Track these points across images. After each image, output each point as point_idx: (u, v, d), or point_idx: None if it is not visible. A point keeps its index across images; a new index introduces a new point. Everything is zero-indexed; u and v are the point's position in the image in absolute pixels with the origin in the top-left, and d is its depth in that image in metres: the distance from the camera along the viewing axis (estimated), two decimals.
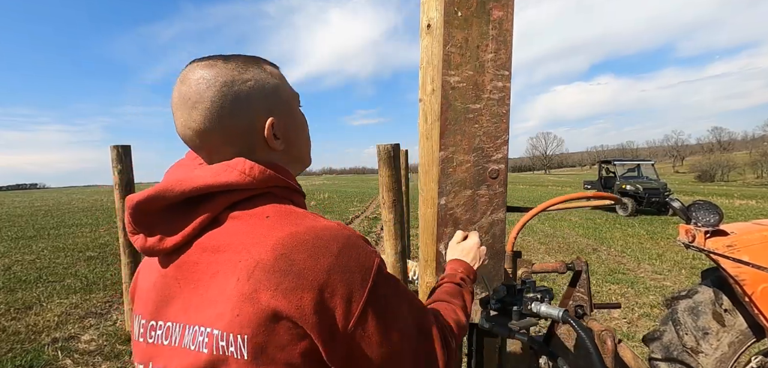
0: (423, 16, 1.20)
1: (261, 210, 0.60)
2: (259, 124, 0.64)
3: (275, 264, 0.53)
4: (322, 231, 0.56)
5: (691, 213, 1.92)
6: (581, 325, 0.81)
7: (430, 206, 1.22)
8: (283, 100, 0.68)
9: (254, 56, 0.68)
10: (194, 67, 0.62)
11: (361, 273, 0.56)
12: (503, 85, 1.03)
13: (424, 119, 1.22)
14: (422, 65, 1.22)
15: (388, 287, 0.60)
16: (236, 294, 0.53)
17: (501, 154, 1.04)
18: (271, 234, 0.55)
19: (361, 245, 0.59)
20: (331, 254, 0.55)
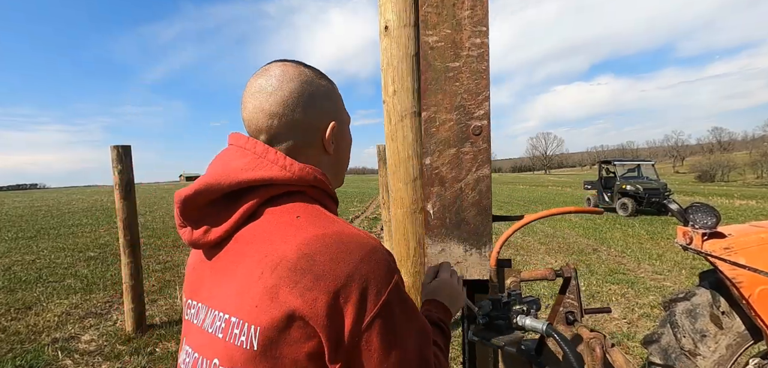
0: (380, 18, 1.21)
1: (293, 207, 0.62)
2: (322, 124, 0.70)
3: (297, 263, 0.55)
4: (348, 238, 0.58)
5: (688, 216, 1.92)
6: (564, 339, 0.81)
7: (400, 206, 1.24)
8: (344, 113, 0.76)
9: (324, 73, 0.75)
10: (278, 63, 0.69)
11: (377, 286, 0.57)
12: (481, 42, 1.03)
13: (388, 120, 1.24)
14: (383, 67, 1.23)
15: (401, 307, 0.60)
16: (259, 286, 0.56)
17: (483, 110, 1.04)
18: (299, 234, 0.58)
19: (384, 259, 0.59)
20: (352, 261, 0.56)
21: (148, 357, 3.54)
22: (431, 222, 1.08)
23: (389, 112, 1.22)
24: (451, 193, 1.07)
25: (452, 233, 1.08)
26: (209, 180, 0.61)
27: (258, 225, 0.61)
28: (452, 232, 1.08)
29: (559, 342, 0.81)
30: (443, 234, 1.09)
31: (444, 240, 1.09)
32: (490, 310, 0.98)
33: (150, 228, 11.73)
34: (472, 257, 1.08)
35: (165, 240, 9.57)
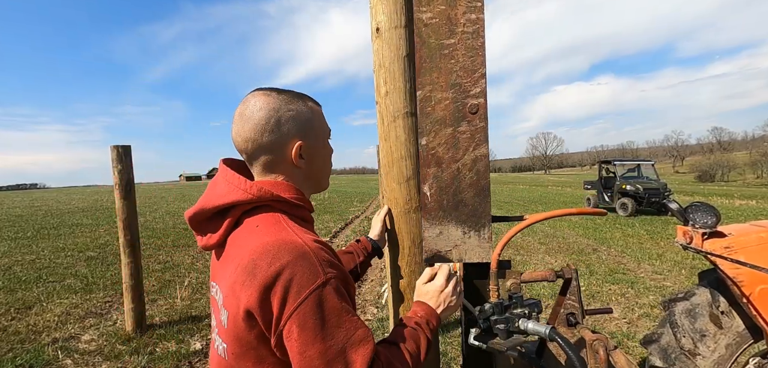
0: (372, 20, 1.20)
1: (257, 218, 0.80)
2: (290, 144, 0.84)
3: (247, 266, 0.72)
4: (283, 244, 0.72)
5: (688, 215, 1.92)
6: (568, 343, 0.80)
7: (394, 206, 1.23)
8: (314, 130, 0.88)
9: (303, 93, 0.89)
10: (256, 93, 0.85)
11: (298, 286, 0.68)
12: (476, 17, 1.00)
13: (381, 121, 1.22)
14: (375, 68, 1.22)
15: (325, 308, 0.69)
16: (231, 280, 0.75)
17: (479, 87, 1.01)
18: (253, 242, 0.75)
19: (312, 264, 0.71)
20: (282, 263, 0.69)
21: (148, 357, 3.54)
22: (428, 205, 1.06)
23: (382, 113, 1.21)
24: (448, 174, 1.05)
25: (450, 215, 1.06)
26: (202, 204, 0.83)
27: (238, 232, 0.80)
28: (450, 214, 1.06)
29: (562, 347, 0.80)
30: (441, 216, 1.06)
31: (442, 222, 1.06)
32: (491, 314, 0.96)
33: (150, 228, 11.72)
34: (470, 239, 1.06)
35: (165, 240, 9.56)
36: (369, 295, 5.13)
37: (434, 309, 0.92)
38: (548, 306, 4.35)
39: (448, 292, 0.95)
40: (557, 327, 1.14)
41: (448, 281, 0.96)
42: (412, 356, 0.82)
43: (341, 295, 0.72)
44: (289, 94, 0.86)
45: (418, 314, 0.91)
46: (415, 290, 0.99)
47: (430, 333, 0.88)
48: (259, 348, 0.73)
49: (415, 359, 0.82)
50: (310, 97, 0.89)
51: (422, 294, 0.96)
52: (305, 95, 0.89)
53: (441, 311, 0.93)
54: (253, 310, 0.70)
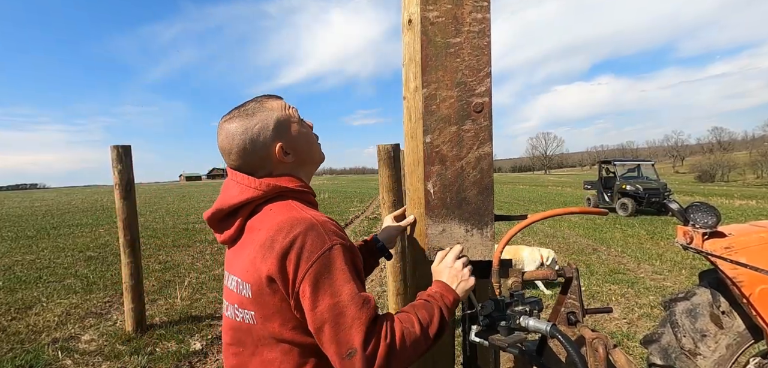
0: (404, 11, 1.19)
1: (271, 206, 0.90)
2: (272, 150, 0.92)
3: (265, 241, 0.83)
4: (296, 219, 0.83)
5: (688, 215, 1.92)
6: (568, 340, 0.80)
7: (418, 206, 1.22)
8: (284, 125, 0.94)
9: (258, 98, 0.96)
10: (222, 125, 0.93)
11: (309, 251, 0.79)
12: (482, 17, 1.01)
13: (408, 117, 1.22)
14: (405, 62, 1.21)
15: (332, 268, 0.79)
16: (252, 257, 0.85)
17: (484, 86, 1.02)
18: (269, 222, 0.86)
19: (321, 233, 0.81)
20: (295, 234, 0.80)
21: (148, 357, 3.54)
22: (432, 202, 1.06)
23: (409, 108, 1.20)
24: (452, 172, 1.05)
25: (453, 213, 1.06)
26: (219, 205, 0.93)
27: (253, 221, 0.90)
28: (453, 212, 1.06)
29: (563, 343, 0.80)
30: (444, 214, 1.06)
31: (445, 220, 1.07)
32: (492, 310, 0.97)
33: (150, 228, 11.72)
34: (473, 237, 1.06)
35: (165, 240, 9.56)
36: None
37: (448, 285, 0.95)
38: (548, 306, 4.35)
39: (458, 267, 0.98)
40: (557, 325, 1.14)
41: (457, 258, 1.00)
42: (423, 324, 0.84)
43: (346, 259, 0.81)
44: (248, 107, 0.93)
45: (433, 289, 0.95)
46: (432, 270, 1.02)
47: (446, 308, 0.91)
48: (283, 311, 0.83)
49: (424, 328, 0.84)
50: (265, 96, 0.96)
51: (436, 273, 1.01)
52: (261, 97, 0.96)
53: (455, 286, 0.95)
54: (274, 276, 0.80)
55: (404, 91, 1.22)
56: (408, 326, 0.83)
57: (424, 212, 1.10)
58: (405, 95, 1.22)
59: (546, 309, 4.05)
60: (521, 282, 1.13)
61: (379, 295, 5.06)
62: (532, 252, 5.38)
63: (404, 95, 1.22)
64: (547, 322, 0.88)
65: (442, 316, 0.89)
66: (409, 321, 0.84)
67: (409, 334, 0.82)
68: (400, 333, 0.81)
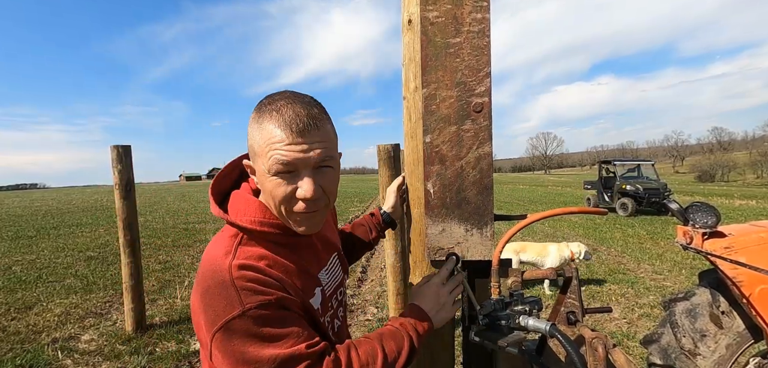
0: (404, 11, 1.20)
1: (224, 228, 0.82)
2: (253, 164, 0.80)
3: (198, 269, 0.76)
4: (211, 266, 0.72)
5: (688, 215, 1.92)
6: (568, 339, 0.80)
7: (418, 206, 1.22)
8: (253, 148, 0.77)
9: (262, 105, 0.77)
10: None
11: (214, 314, 0.68)
12: (482, 17, 1.01)
13: (408, 117, 1.22)
14: (404, 62, 1.21)
15: (244, 335, 0.67)
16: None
17: (484, 86, 1.02)
18: (211, 246, 0.78)
19: (227, 293, 0.68)
20: (204, 286, 0.71)
21: (148, 357, 3.54)
22: (431, 202, 1.07)
23: (409, 108, 1.21)
24: (452, 172, 1.05)
25: (453, 213, 1.06)
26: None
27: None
28: (453, 212, 1.06)
29: (562, 343, 0.80)
30: (444, 214, 1.07)
31: (444, 220, 1.07)
32: (491, 310, 0.97)
33: (150, 228, 11.72)
34: (473, 237, 1.07)
35: (165, 240, 9.56)
36: (369, 295, 5.13)
37: (426, 312, 0.89)
38: (548, 306, 4.35)
39: (443, 293, 0.93)
40: (557, 325, 1.15)
41: (444, 283, 0.95)
42: (388, 357, 0.77)
43: (265, 322, 0.68)
44: (263, 100, 0.77)
45: (407, 315, 0.88)
46: (411, 292, 0.98)
47: (417, 337, 0.84)
48: (205, 349, 0.72)
49: (390, 361, 0.77)
50: (269, 100, 0.76)
51: (415, 295, 0.94)
52: (265, 103, 0.76)
53: (434, 314, 0.90)
54: (193, 315, 0.74)
55: (404, 91, 1.23)
56: (368, 362, 0.75)
57: (423, 212, 1.10)
58: (405, 95, 1.23)
59: (546, 309, 4.05)
60: (520, 282, 1.14)
61: (379, 295, 5.06)
62: (560, 249, 5.24)
63: (404, 95, 1.23)
64: (547, 322, 0.88)
65: (412, 347, 0.82)
66: (372, 354, 0.76)
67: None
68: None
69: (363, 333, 3.93)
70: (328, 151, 0.76)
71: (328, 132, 0.78)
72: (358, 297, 5.07)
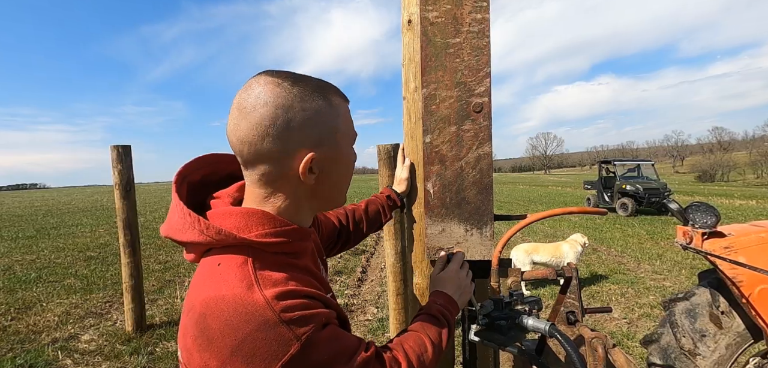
0: (404, 11, 1.20)
1: (219, 258, 0.63)
2: (297, 155, 0.65)
3: (198, 319, 0.59)
4: (240, 308, 0.57)
5: (688, 215, 1.92)
6: (567, 339, 0.80)
7: (417, 206, 1.22)
8: (334, 137, 0.68)
9: (326, 85, 0.69)
10: (261, 78, 0.64)
11: (264, 362, 0.56)
12: (482, 17, 1.02)
13: (408, 117, 1.22)
14: (404, 63, 1.21)
15: (305, 366, 0.58)
16: (185, 323, 0.62)
17: (484, 86, 1.03)
18: (207, 288, 0.60)
19: (276, 333, 0.56)
20: (238, 336, 0.56)
21: (148, 356, 3.54)
22: (431, 202, 1.07)
23: (409, 108, 1.21)
24: (452, 172, 1.06)
25: (453, 213, 1.07)
26: (167, 232, 0.68)
27: (204, 261, 0.65)
28: (453, 212, 1.07)
29: (562, 343, 0.80)
30: (443, 214, 1.07)
31: (444, 220, 1.07)
32: (491, 310, 0.97)
33: (150, 228, 11.72)
34: (473, 237, 1.07)
35: (165, 240, 9.56)
36: (369, 295, 5.13)
37: (452, 297, 0.91)
38: (548, 306, 4.35)
39: (462, 277, 0.95)
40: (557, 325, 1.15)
41: (461, 267, 0.97)
42: (433, 342, 0.79)
43: (324, 345, 0.61)
44: (305, 84, 0.65)
45: (438, 302, 0.89)
46: (431, 280, 0.99)
47: (450, 321, 0.86)
48: None
49: (436, 345, 0.79)
50: (333, 87, 0.70)
51: (438, 282, 0.95)
52: (327, 85, 0.69)
53: (458, 297, 0.92)
54: None
55: (404, 91, 1.23)
56: (421, 352, 0.76)
57: (423, 212, 1.11)
58: (405, 95, 1.23)
59: (546, 309, 4.05)
60: (520, 282, 1.14)
61: (379, 295, 5.06)
62: (572, 245, 5.28)
63: (404, 95, 1.23)
64: (547, 322, 0.88)
65: (450, 329, 0.85)
66: (421, 344, 0.77)
67: (424, 360, 0.75)
68: (416, 360, 0.73)
69: (363, 333, 3.93)
70: None
71: None
72: (358, 297, 5.07)
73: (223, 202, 0.72)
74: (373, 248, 7.98)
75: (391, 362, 0.70)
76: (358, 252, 7.56)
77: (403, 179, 1.23)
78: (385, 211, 1.23)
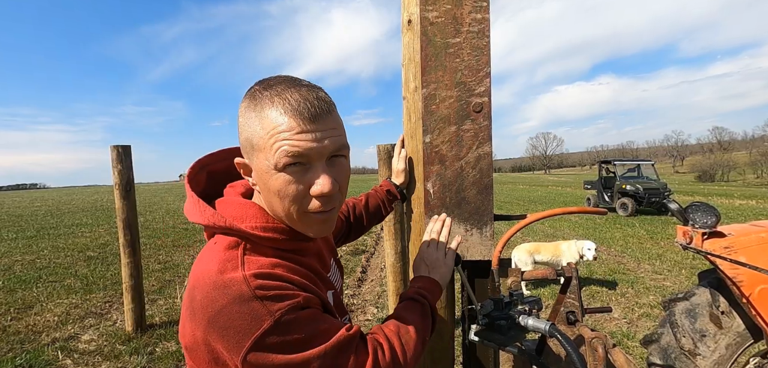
0: (403, 11, 1.20)
1: (217, 238, 0.69)
2: (241, 158, 0.71)
3: (189, 290, 0.64)
4: (219, 282, 0.60)
5: (688, 215, 1.92)
6: (567, 339, 0.80)
7: (418, 205, 1.22)
8: (252, 145, 0.66)
9: (275, 93, 0.64)
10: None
11: (237, 336, 0.58)
12: (482, 17, 1.02)
13: (408, 117, 1.22)
14: (404, 63, 1.21)
15: (282, 345, 0.60)
16: (185, 295, 0.67)
17: (483, 86, 1.03)
18: (200, 263, 0.66)
19: (250, 307, 0.58)
20: (214, 308, 0.59)
21: (148, 356, 3.54)
22: (431, 202, 1.07)
23: (409, 108, 1.21)
24: (452, 172, 1.06)
25: (452, 212, 1.07)
26: (185, 212, 0.74)
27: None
28: (452, 212, 1.07)
29: (562, 343, 0.80)
30: (443, 213, 1.08)
31: None
32: (491, 310, 0.97)
33: (150, 228, 11.72)
34: (472, 237, 1.07)
35: (165, 240, 9.56)
36: (369, 295, 5.13)
37: (426, 276, 0.93)
38: (548, 306, 4.35)
39: (431, 253, 0.97)
40: (557, 324, 1.15)
41: (428, 245, 0.99)
42: (415, 323, 0.79)
43: (300, 324, 0.61)
44: (254, 90, 0.66)
45: (415, 285, 0.91)
46: (413, 264, 1.01)
47: (431, 298, 0.88)
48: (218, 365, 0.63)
49: (418, 327, 0.80)
50: (264, 85, 0.66)
51: (413, 268, 0.98)
52: (266, 82, 0.66)
53: (432, 273, 0.93)
54: (192, 343, 0.63)
55: (404, 91, 1.23)
56: (403, 332, 0.76)
57: (423, 212, 1.11)
58: (405, 95, 1.23)
59: (546, 309, 4.05)
60: (520, 282, 1.14)
61: (379, 295, 5.06)
62: (569, 246, 5.28)
63: (404, 95, 1.23)
64: (547, 321, 0.88)
65: (431, 308, 0.87)
66: (402, 328, 0.77)
67: (407, 341, 0.76)
68: (399, 346, 0.74)
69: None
70: (341, 138, 0.67)
71: (339, 117, 0.69)
72: (358, 297, 5.07)
73: (233, 192, 0.77)
74: (373, 248, 7.98)
75: (374, 343, 0.72)
76: (358, 252, 7.56)
77: (400, 170, 1.23)
78: (386, 205, 1.24)
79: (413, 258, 1.26)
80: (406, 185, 1.26)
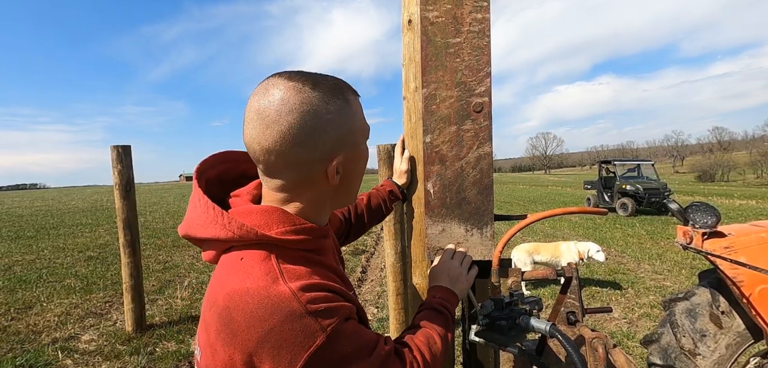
0: (404, 11, 1.20)
1: (243, 253, 0.64)
2: (325, 159, 0.66)
3: (222, 312, 0.60)
4: (266, 300, 0.57)
5: (688, 215, 1.92)
6: (568, 340, 0.80)
7: (418, 206, 1.22)
8: (355, 137, 0.69)
9: (341, 83, 0.68)
10: (281, 81, 0.63)
11: (291, 353, 0.56)
12: (482, 17, 1.02)
13: (408, 117, 1.22)
14: (404, 62, 1.21)
15: (333, 361, 0.59)
16: (208, 318, 0.63)
17: (484, 86, 1.03)
18: (231, 281, 0.61)
19: (302, 324, 0.57)
20: (264, 327, 0.56)
21: (148, 356, 3.54)
22: (431, 202, 1.07)
23: (409, 109, 1.21)
24: (452, 172, 1.06)
25: (453, 213, 1.07)
26: (187, 230, 0.68)
27: (225, 257, 0.65)
28: (453, 212, 1.07)
29: (562, 343, 0.80)
30: (444, 214, 1.07)
31: (444, 220, 1.07)
32: (491, 310, 0.97)
33: (150, 228, 11.72)
34: (473, 237, 1.07)
35: (165, 240, 9.56)
36: (369, 295, 5.13)
37: (448, 287, 0.93)
38: (548, 306, 4.35)
39: (454, 266, 0.97)
40: (557, 325, 1.15)
41: (454, 256, 0.99)
42: (441, 336, 0.81)
43: (347, 338, 0.61)
44: (324, 86, 0.65)
45: (437, 295, 0.91)
46: (428, 277, 1.00)
47: (451, 311, 0.89)
48: None
49: (444, 339, 0.81)
50: (346, 85, 0.69)
51: (433, 276, 0.97)
52: (342, 84, 0.69)
53: (453, 286, 0.93)
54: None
55: (404, 91, 1.23)
56: (432, 344, 0.79)
57: (423, 212, 1.11)
58: (405, 95, 1.23)
59: (546, 309, 4.05)
60: (520, 282, 1.14)
61: (379, 295, 5.06)
62: (569, 247, 5.27)
63: (404, 95, 1.23)
64: (547, 322, 0.88)
65: (453, 319, 0.88)
66: (431, 340, 0.79)
67: (435, 353, 0.78)
68: (430, 358, 0.76)
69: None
70: None
71: None
72: (358, 297, 5.07)
73: (243, 200, 0.72)
74: (373, 248, 7.98)
75: (409, 356, 0.73)
76: (358, 252, 7.56)
77: (402, 171, 1.23)
78: (387, 204, 1.24)
79: (414, 258, 1.26)
80: (408, 186, 1.26)
